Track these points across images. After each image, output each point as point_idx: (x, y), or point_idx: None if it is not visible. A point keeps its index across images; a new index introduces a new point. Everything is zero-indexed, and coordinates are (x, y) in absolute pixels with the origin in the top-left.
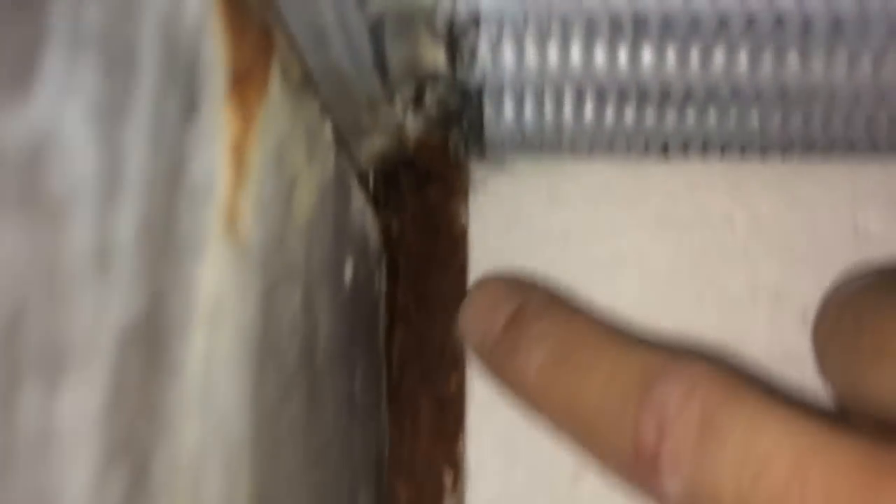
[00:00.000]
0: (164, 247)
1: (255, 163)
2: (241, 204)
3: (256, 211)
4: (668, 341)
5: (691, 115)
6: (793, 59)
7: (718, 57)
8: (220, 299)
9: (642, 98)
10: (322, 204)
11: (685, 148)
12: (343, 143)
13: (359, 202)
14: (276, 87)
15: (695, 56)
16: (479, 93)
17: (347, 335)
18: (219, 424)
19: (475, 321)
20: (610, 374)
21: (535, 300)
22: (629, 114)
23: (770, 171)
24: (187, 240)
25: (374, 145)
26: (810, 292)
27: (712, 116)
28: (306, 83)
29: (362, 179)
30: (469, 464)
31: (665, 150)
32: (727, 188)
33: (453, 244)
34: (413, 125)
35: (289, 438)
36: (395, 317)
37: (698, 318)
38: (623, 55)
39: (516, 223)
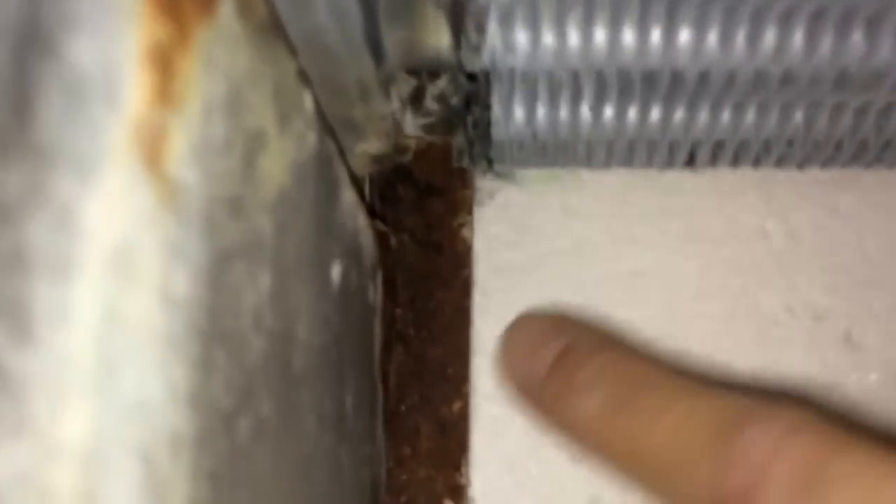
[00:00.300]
0: (12, 139)
1: (193, 89)
2: (169, 133)
3: (198, 154)
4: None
5: (727, 111)
6: (857, 38)
7: (769, 35)
8: (130, 248)
9: (674, 88)
10: (300, 184)
11: (714, 157)
12: (329, 128)
13: (349, 201)
14: (228, 14)
15: (741, 34)
16: (487, 84)
17: (335, 345)
18: (133, 415)
19: (517, 360)
20: (684, 418)
21: (585, 338)
22: (656, 111)
23: (808, 180)
24: (60, 144)
25: (368, 147)
26: (854, 313)
27: (752, 113)
28: (275, 31)
29: (356, 184)
30: (473, 493)
31: (692, 159)
32: (761, 198)
33: (456, 261)
34: (411, 127)
35: (255, 447)
36: (393, 336)
37: (729, 341)
38: (656, 34)
39: (526, 238)
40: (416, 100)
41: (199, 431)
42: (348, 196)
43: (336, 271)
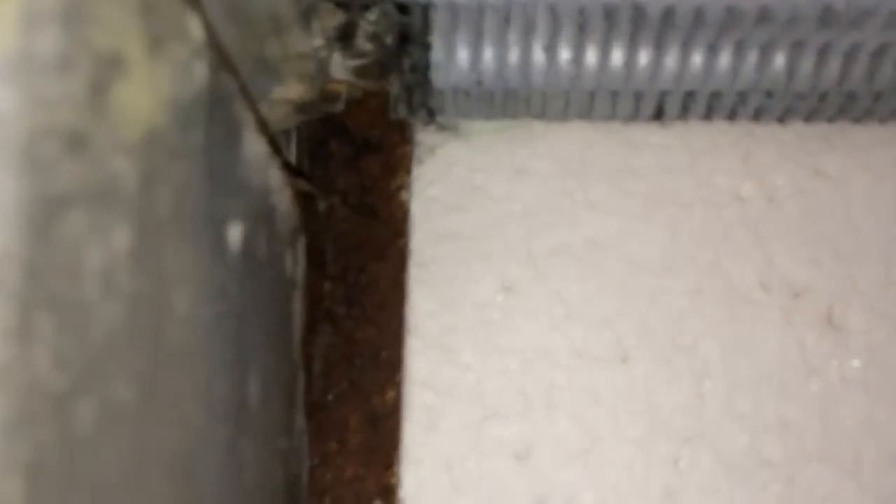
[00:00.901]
0: None
1: None
2: None
3: (14, 70)
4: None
5: (698, 54)
6: None
7: None
8: None
9: (638, 27)
10: (182, 126)
11: (685, 109)
12: (229, 64)
13: (256, 152)
14: None
15: None
16: (424, 17)
17: (234, 321)
18: None
19: None
20: None
21: None
22: (618, 53)
23: (790, 136)
24: None
25: (288, 93)
26: (837, 289)
27: (726, 57)
28: None
29: (268, 134)
30: (404, 494)
31: (659, 111)
32: (737, 157)
33: (392, 228)
34: (340, 70)
35: (104, 437)
36: (319, 315)
37: (696, 321)
38: None
39: (471, 201)
40: (345, 37)
41: (12, 414)
42: (255, 147)
43: (235, 234)
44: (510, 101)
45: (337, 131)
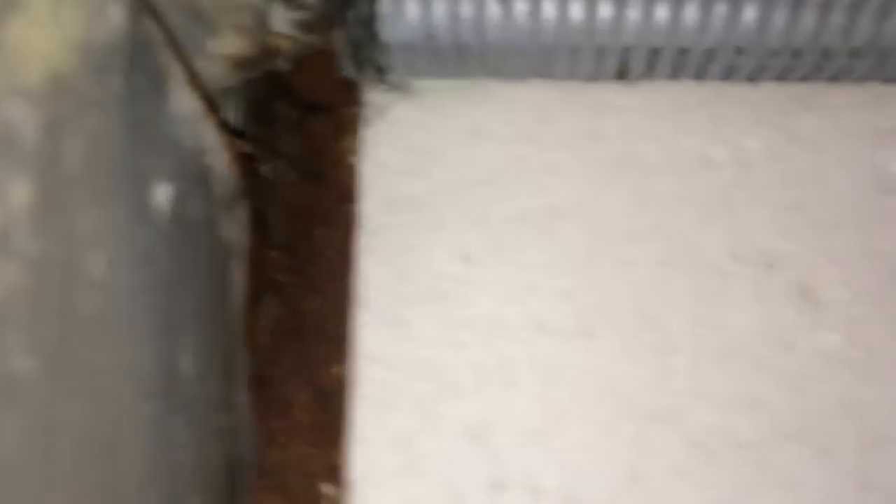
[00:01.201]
0: None
1: None
2: None
3: None
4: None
5: (663, 7)
6: None
7: None
8: None
9: None
10: (95, 73)
11: (650, 67)
12: (153, 10)
13: (186, 108)
14: None
15: None
16: None
17: (162, 289)
18: None
19: None
20: None
21: None
22: (578, 6)
23: (763, 98)
24: None
25: (225, 46)
26: (814, 259)
27: (692, 10)
28: None
29: (201, 90)
30: (355, 474)
31: (623, 70)
32: (706, 119)
33: (341, 193)
34: (282, 23)
35: (3, 413)
36: (263, 284)
37: (662, 292)
38: None
39: (424, 165)
40: None
41: None
42: (185, 103)
43: (162, 195)
44: (464, 59)
45: (282, 91)
